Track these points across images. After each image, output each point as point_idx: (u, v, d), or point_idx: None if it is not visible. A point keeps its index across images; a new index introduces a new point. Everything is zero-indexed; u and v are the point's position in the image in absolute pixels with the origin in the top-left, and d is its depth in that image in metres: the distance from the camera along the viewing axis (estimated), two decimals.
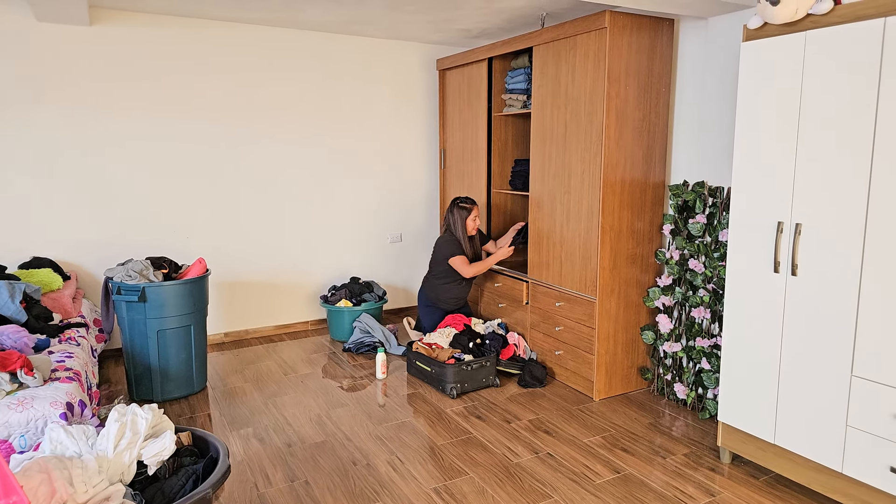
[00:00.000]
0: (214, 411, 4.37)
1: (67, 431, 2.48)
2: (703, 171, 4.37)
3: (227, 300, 5.86)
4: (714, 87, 4.28)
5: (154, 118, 5.32)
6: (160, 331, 4.36)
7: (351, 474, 3.54)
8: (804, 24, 3.04)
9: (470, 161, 5.95)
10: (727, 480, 3.48)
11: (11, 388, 3.10)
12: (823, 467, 3.14)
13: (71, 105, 5.02)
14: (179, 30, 5.31)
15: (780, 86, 3.16)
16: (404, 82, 6.43)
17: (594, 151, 4.37)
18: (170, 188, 5.47)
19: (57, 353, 3.67)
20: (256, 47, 5.65)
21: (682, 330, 4.38)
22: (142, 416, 2.57)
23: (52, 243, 5.09)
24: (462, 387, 4.63)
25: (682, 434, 4.04)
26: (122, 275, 4.30)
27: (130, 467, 2.44)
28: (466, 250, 5.43)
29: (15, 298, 3.87)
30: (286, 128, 5.90)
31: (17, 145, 4.89)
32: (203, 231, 5.66)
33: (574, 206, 4.60)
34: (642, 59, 4.36)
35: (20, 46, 4.81)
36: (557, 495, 3.33)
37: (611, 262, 4.45)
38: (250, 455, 3.75)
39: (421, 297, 5.61)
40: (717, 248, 4.14)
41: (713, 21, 4.24)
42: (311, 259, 6.21)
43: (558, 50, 4.63)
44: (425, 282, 5.59)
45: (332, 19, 5.35)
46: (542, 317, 5.02)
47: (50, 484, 2.15)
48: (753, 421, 3.43)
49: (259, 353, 5.59)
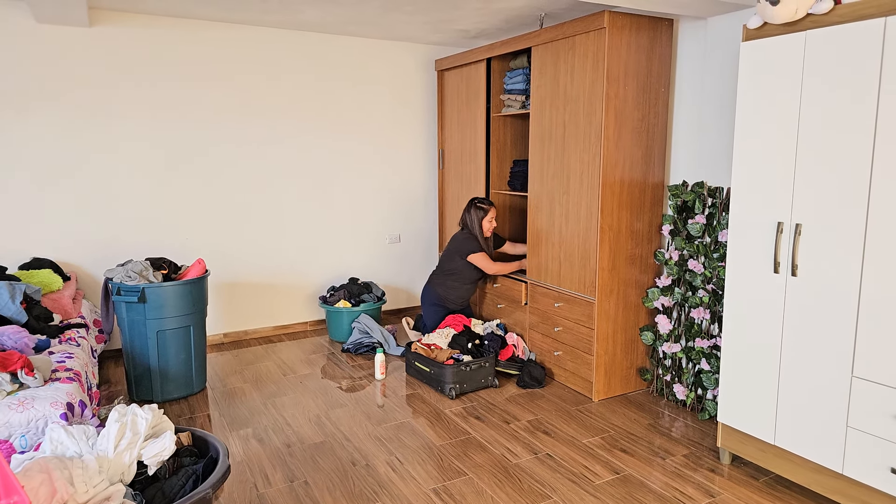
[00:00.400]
0: (214, 412, 4.37)
1: (68, 432, 2.48)
2: (703, 171, 4.38)
3: (226, 301, 5.86)
4: (713, 88, 4.28)
5: (153, 119, 5.32)
6: (160, 331, 4.36)
7: (350, 475, 3.54)
8: (804, 24, 3.04)
9: (468, 162, 5.95)
10: (727, 481, 3.48)
11: (12, 388, 3.10)
12: (824, 468, 3.14)
13: (70, 106, 5.02)
14: (178, 31, 5.32)
15: (780, 86, 3.16)
16: (403, 83, 6.43)
17: (593, 152, 4.37)
18: (169, 189, 5.47)
19: (57, 354, 3.68)
20: (255, 49, 5.66)
21: (681, 330, 4.38)
22: (142, 417, 2.57)
23: (52, 244, 5.09)
24: (461, 387, 4.63)
25: (681, 435, 4.05)
26: (121, 275, 4.30)
27: (131, 467, 2.44)
28: (486, 248, 5.46)
29: (15, 299, 3.87)
30: (285, 129, 5.90)
31: (16, 146, 4.88)
32: (202, 232, 5.66)
33: (573, 206, 4.60)
34: (641, 59, 4.36)
35: (20, 48, 4.80)
36: (557, 496, 3.33)
37: (610, 263, 4.45)
38: (250, 455, 3.75)
39: (427, 294, 5.59)
40: (717, 248, 4.15)
41: (712, 21, 4.25)
42: (310, 260, 6.21)
43: (557, 50, 4.64)
44: (434, 279, 5.57)
45: (331, 20, 5.35)
46: (541, 317, 5.02)
47: (51, 484, 2.15)
48: (753, 422, 3.43)
49: (258, 353, 5.59)
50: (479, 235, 5.42)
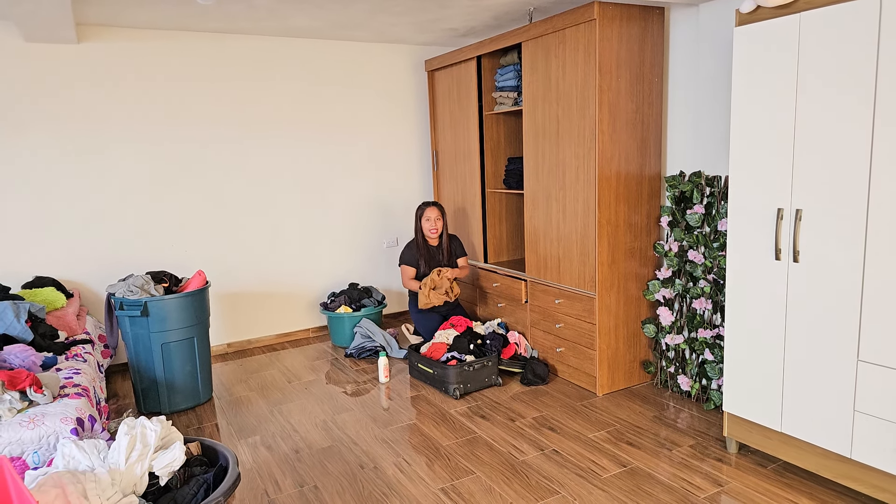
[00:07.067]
0: (222, 421, 4.38)
1: (79, 446, 2.49)
2: (700, 160, 4.39)
3: (228, 311, 5.87)
4: (707, 75, 4.28)
5: (146, 133, 5.33)
6: (164, 344, 4.37)
7: (359, 478, 3.55)
8: (798, 6, 3.03)
9: (463, 162, 5.96)
10: (735, 470, 3.49)
11: (22, 405, 3.11)
12: (832, 453, 3.15)
13: (64, 123, 5.02)
14: (167, 43, 5.32)
15: (776, 70, 3.15)
16: (394, 85, 6.44)
17: (588, 146, 4.38)
18: (166, 202, 5.47)
19: (65, 370, 3.69)
20: (245, 57, 5.66)
21: (683, 322, 4.40)
22: (151, 429, 2.58)
23: (54, 262, 5.10)
24: (465, 387, 4.64)
25: (687, 426, 4.06)
26: (123, 290, 4.31)
27: (142, 479, 2.45)
28: (419, 258, 5.44)
29: (20, 318, 3.88)
30: (278, 137, 5.91)
31: (13, 166, 4.89)
32: (201, 244, 5.67)
33: (570, 202, 4.61)
34: (633, 49, 4.37)
35: (9, 67, 4.81)
36: (565, 491, 3.34)
37: (609, 257, 4.46)
38: (259, 462, 3.77)
39: (410, 304, 5.65)
40: (717, 238, 4.16)
41: (704, 7, 4.23)
42: (309, 267, 6.22)
43: (547, 44, 4.64)
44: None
45: (319, 25, 5.36)
46: (542, 315, 5.03)
47: (65, 498, 2.16)
48: (759, 410, 3.44)
49: (262, 361, 5.60)
50: (420, 242, 5.43)
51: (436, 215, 5.48)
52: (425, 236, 5.52)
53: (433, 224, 5.46)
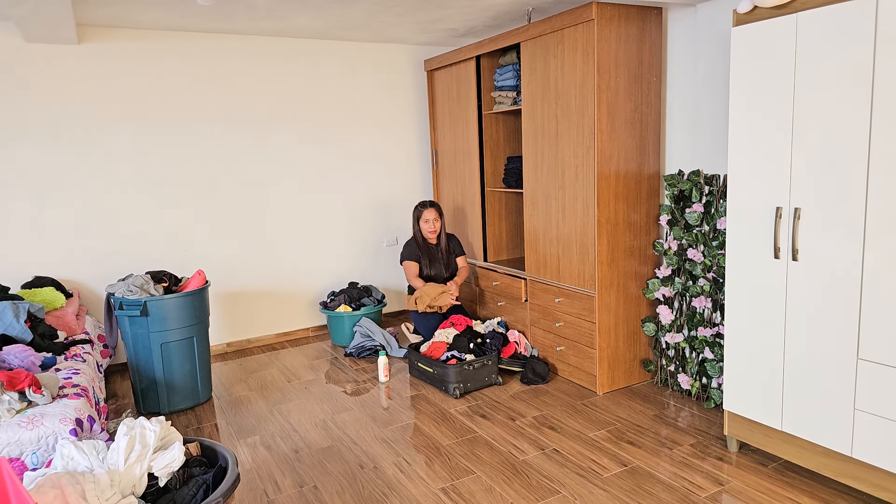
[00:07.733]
0: (221, 421, 4.37)
1: (78, 447, 2.49)
2: (698, 159, 4.39)
3: (227, 311, 5.86)
4: (705, 75, 4.29)
5: (146, 133, 5.33)
6: (163, 343, 4.37)
7: (359, 478, 3.55)
8: (795, 6, 3.04)
9: (462, 161, 5.96)
10: (735, 469, 3.49)
11: (21, 406, 3.11)
12: (832, 452, 3.15)
13: (64, 124, 5.02)
14: (167, 44, 5.32)
15: (774, 69, 3.15)
16: (394, 85, 6.44)
17: (587, 145, 4.38)
18: (165, 202, 5.47)
19: (64, 371, 3.68)
20: (245, 58, 5.66)
21: (683, 320, 4.40)
22: (150, 429, 2.58)
23: (53, 262, 5.10)
24: (465, 386, 4.64)
25: (687, 424, 4.06)
26: (123, 290, 4.31)
27: (142, 480, 2.45)
28: (421, 256, 5.44)
29: (20, 318, 3.88)
30: (278, 137, 5.91)
31: (12, 166, 4.89)
32: (200, 243, 5.67)
33: (569, 201, 4.61)
34: (631, 49, 4.37)
35: (10, 68, 4.81)
36: (565, 490, 3.34)
37: (608, 256, 4.46)
38: (258, 463, 3.76)
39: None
40: (716, 236, 4.16)
41: (702, 7, 4.25)
42: (309, 266, 6.22)
43: (546, 44, 4.64)
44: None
45: (319, 25, 5.36)
46: (542, 313, 5.03)
47: (64, 499, 2.15)
48: (759, 408, 3.44)
49: (262, 361, 5.60)
50: (419, 241, 5.43)
51: (434, 216, 5.49)
52: (423, 233, 5.53)
53: (431, 225, 5.48)
